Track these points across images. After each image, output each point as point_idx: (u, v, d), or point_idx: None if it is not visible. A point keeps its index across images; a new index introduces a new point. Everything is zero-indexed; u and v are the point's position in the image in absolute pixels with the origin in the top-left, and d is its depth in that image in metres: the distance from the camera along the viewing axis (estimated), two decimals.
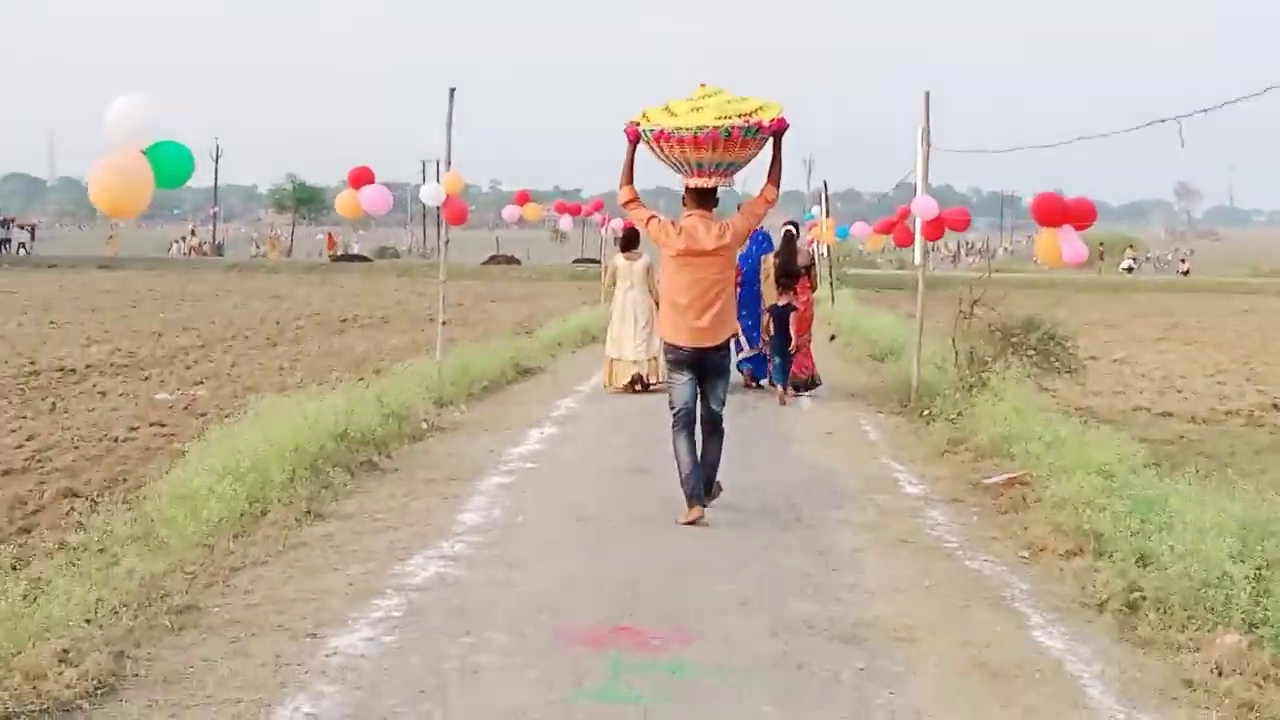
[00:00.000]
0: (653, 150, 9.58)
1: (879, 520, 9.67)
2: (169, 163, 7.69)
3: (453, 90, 15.33)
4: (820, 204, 31.69)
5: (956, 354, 15.36)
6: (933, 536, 9.25)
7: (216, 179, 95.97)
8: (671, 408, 9.90)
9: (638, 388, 16.50)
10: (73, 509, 9.99)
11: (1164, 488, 9.06)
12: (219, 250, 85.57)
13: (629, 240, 17.37)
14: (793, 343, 16.63)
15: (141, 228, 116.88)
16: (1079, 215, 11.35)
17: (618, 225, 30.97)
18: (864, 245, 21.23)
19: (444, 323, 15.86)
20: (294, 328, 29.85)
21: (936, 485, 11.09)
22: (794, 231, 18.38)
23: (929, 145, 15.36)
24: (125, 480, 11.09)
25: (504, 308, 38.15)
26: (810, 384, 17.11)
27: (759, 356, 17.19)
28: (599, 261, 35.80)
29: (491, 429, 13.61)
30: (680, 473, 9.72)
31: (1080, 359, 16.00)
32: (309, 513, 9.33)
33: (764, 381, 17.19)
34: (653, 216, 9.97)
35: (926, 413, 14.67)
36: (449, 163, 15.47)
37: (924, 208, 14.82)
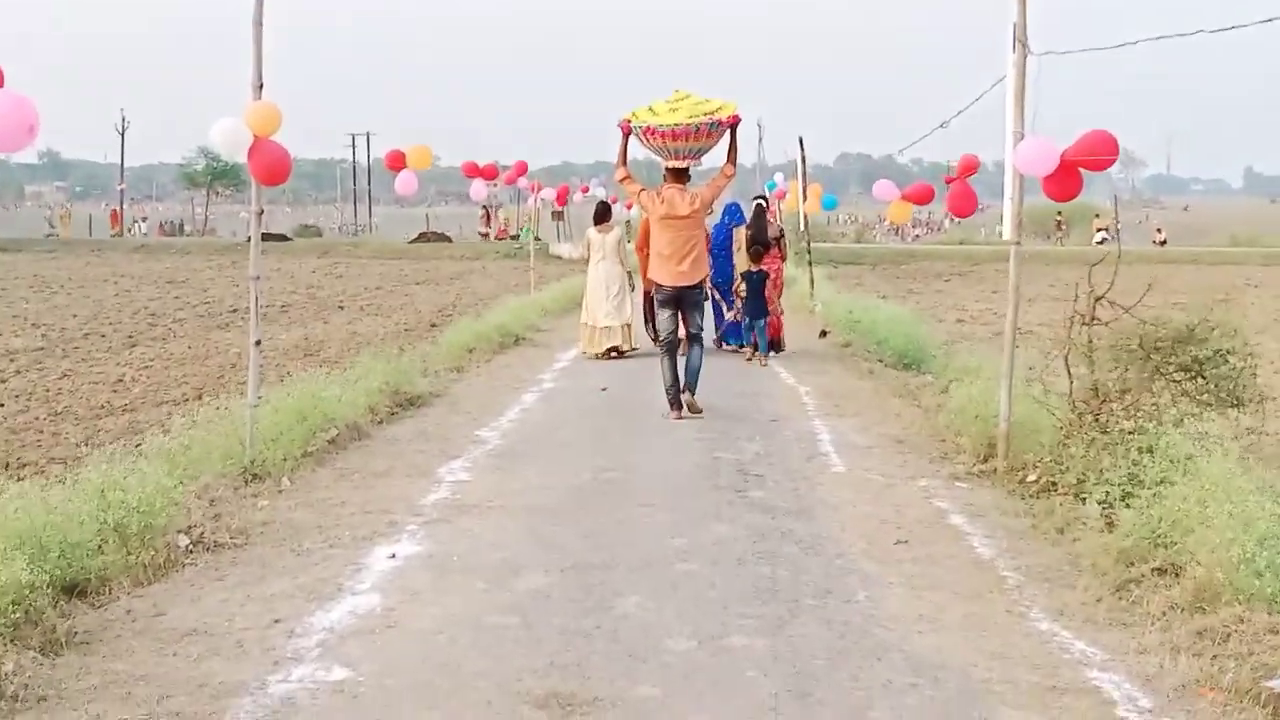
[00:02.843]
0: (640, 140, 12.10)
1: None
2: None
3: None
4: (798, 167, 25.41)
5: (1071, 382, 9.25)
6: None
7: (123, 154, 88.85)
8: (658, 337, 12.75)
9: (614, 354, 16.77)
10: None
11: None
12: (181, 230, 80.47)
13: (601, 214, 18.05)
14: (770, 309, 16.86)
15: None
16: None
17: (548, 194, 28.22)
18: (884, 215, 16.56)
19: (256, 343, 9.41)
20: (171, 320, 23.96)
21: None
22: (764, 204, 18.41)
23: (1026, 47, 9.16)
24: None
25: (427, 291, 32.53)
26: (777, 346, 17.31)
27: (735, 325, 17.49)
28: (530, 236, 30.00)
29: (305, 544, 7.28)
30: (665, 384, 12.09)
31: (1258, 387, 9.76)
32: None
33: (736, 346, 17.57)
34: (643, 189, 12.37)
35: (1031, 480, 8.78)
36: (258, 86, 9.12)
37: (1032, 156, 8.53)
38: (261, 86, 9.14)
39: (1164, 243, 59.74)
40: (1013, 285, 9.59)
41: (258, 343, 9.42)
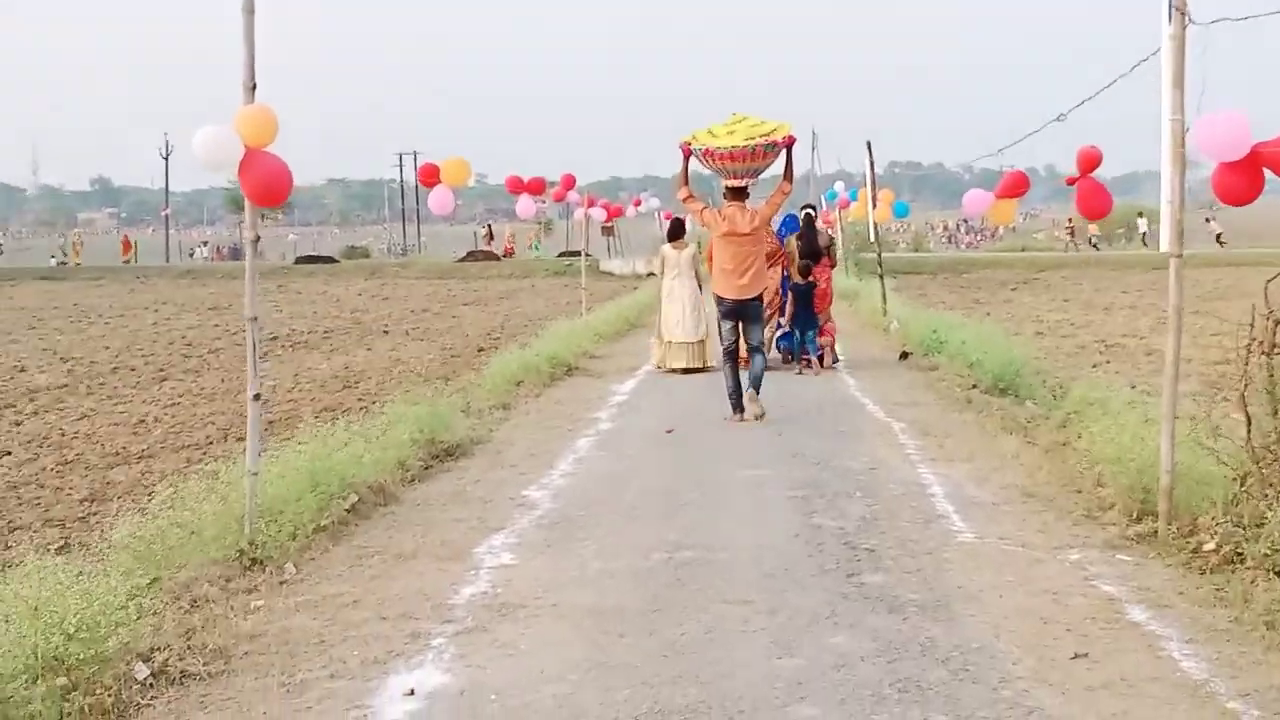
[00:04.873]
0: (700, 161, 12.47)
1: None
2: None
3: None
4: (866, 174, 23.48)
5: (1249, 426, 7.39)
6: None
7: (168, 178, 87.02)
8: (722, 343, 12.72)
9: (692, 367, 16.64)
10: None
11: None
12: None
13: (675, 231, 17.66)
14: (820, 318, 16.92)
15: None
16: None
17: (597, 214, 26.19)
18: (986, 220, 15.87)
19: (255, 397, 7.67)
20: (207, 351, 22.48)
21: None
22: (813, 214, 17.95)
23: (1186, 15, 7.32)
24: None
25: (475, 313, 31.06)
26: (831, 357, 17.17)
27: (790, 334, 17.01)
28: (581, 254, 28.10)
29: (299, 672, 5.45)
30: (727, 390, 12.50)
31: None
32: None
33: (787, 349, 17.10)
34: (705, 208, 12.99)
35: (1210, 549, 6.90)
36: (251, 87, 7.40)
37: (1220, 134, 6.67)
38: (255, 88, 7.43)
39: (1224, 243, 57.37)
40: (1174, 307, 7.69)
41: (257, 396, 7.67)
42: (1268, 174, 6.84)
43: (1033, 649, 5.63)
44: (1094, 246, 64.69)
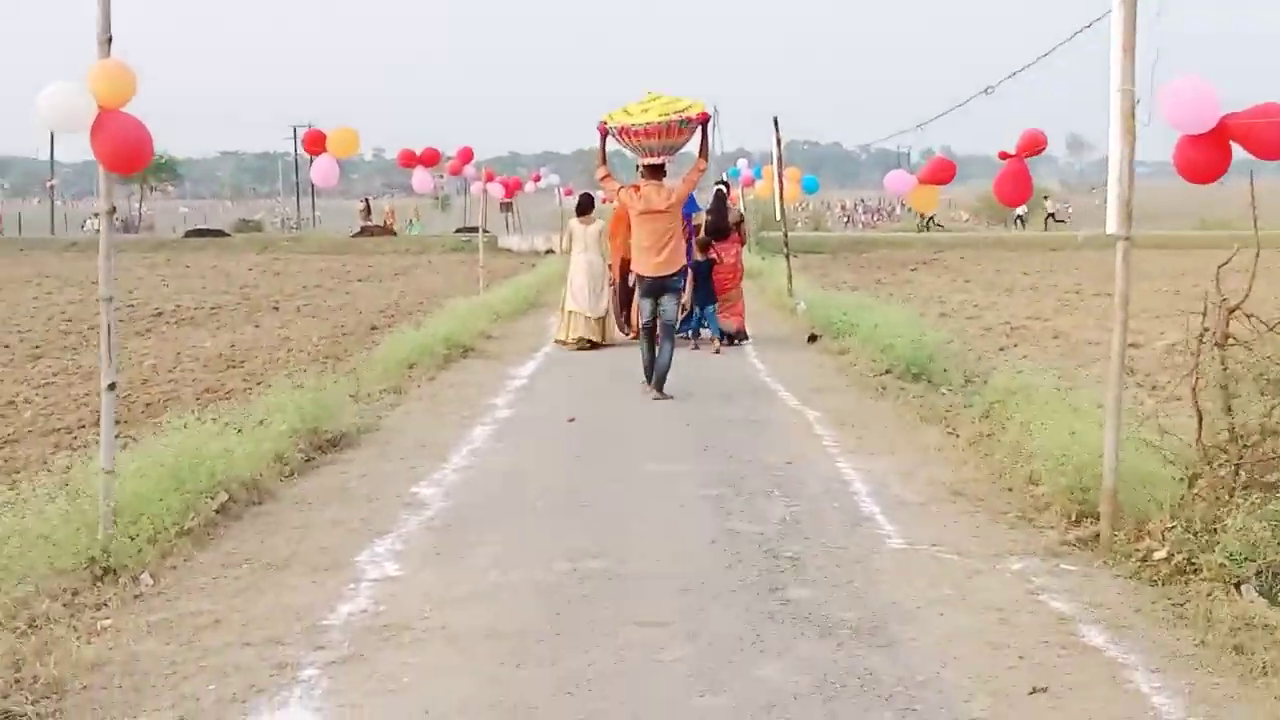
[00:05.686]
0: (617, 140, 12.65)
1: None
2: None
3: None
4: (773, 150, 22.79)
5: (1200, 423, 6.81)
6: None
7: (53, 149, 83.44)
8: (641, 320, 12.83)
9: (588, 346, 16.46)
10: None
11: None
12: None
13: (584, 206, 17.88)
14: (723, 295, 16.79)
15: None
16: None
17: (495, 189, 26.25)
18: (906, 204, 15.58)
19: (110, 387, 6.81)
20: (88, 327, 21.29)
21: None
22: (724, 190, 18.17)
23: None
24: None
25: (369, 289, 30.07)
26: (738, 336, 17.01)
27: (690, 315, 16.12)
28: (479, 230, 27.17)
29: (142, 713, 4.71)
30: (643, 363, 12.67)
31: None
32: None
33: (689, 334, 16.70)
34: (621, 187, 12.75)
35: (1160, 557, 6.30)
36: (106, 40, 6.53)
37: (1188, 102, 5.99)
38: (110, 40, 6.56)
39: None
40: (1120, 295, 7.01)
41: (111, 386, 6.81)
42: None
43: (985, 682, 4.96)
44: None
